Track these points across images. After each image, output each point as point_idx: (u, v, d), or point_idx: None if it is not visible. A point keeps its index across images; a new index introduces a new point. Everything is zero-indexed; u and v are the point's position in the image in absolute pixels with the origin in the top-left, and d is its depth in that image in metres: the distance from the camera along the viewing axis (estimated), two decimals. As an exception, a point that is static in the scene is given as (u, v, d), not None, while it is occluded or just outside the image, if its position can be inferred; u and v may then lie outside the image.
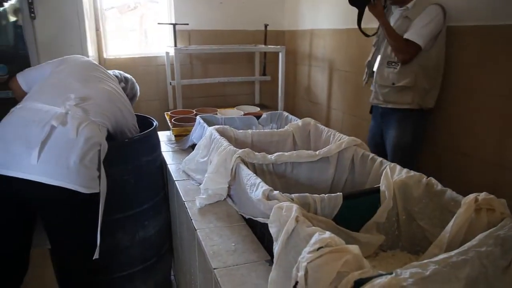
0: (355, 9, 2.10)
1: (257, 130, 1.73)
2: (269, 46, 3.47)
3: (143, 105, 3.52)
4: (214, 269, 0.97)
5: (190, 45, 3.54)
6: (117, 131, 1.60)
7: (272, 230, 0.93)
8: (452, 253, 0.78)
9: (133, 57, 3.51)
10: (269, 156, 1.36)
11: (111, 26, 3.59)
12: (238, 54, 3.74)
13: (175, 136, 2.08)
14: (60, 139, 1.29)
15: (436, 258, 0.76)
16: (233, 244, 1.09)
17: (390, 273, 0.70)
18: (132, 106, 1.74)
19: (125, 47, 3.65)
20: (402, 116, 2.11)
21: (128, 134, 1.66)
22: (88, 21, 2.87)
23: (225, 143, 1.41)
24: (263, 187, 1.04)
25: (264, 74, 3.73)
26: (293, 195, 1.01)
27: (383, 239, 1.13)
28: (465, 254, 0.77)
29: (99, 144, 1.37)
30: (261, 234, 1.13)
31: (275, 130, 1.75)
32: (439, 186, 1.12)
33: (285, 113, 2.05)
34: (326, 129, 1.68)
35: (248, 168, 1.30)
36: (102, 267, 1.51)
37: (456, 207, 1.02)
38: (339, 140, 1.57)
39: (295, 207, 0.90)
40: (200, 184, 1.50)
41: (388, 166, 1.27)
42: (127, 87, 1.84)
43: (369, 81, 2.28)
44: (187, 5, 3.49)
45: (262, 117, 2.04)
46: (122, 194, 1.56)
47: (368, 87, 2.33)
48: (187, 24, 3.34)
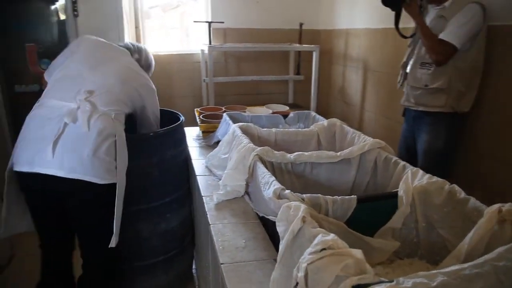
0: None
1: (282, 129, 1.72)
2: (303, 45, 3.44)
3: (177, 101, 3.60)
4: (221, 264, 0.98)
5: (225, 43, 3.58)
6: (137, 112, 1.62)
7: (279, 228, 0.93)
8: (465, 265, 0.73)
9: (170, 54, 3.59)
10: (288, 155, 1.35)
11: (153, 23, 3.70)
12: (272, 53, 3.74)
13: (202, 132, 2.11)
14: (73, 134, 1.34)
15: (447, 269, 0.71)
16: (244, 241, 1.09)
17: (391, 281, 0.67)
18: (149, 77, 1.73)
19: (166, 44, 3.74)
20: (435, 120, 2.03)
21: (149, 115, 1.66)
22: (127, 19, 2.98)
23: (245, 140, 1.41)
24: (275, 185, 1.04)
25: (298, 73, 3.71)
26: (304, 195, 1.00)
27: (397, 245, 1.09)
28: (480, 267, 0.72)
29: (114, 135, 1.39)
30: (272, 232, 1.13)
31: (300, 129, 1.74)
32: (462, 194, 1.07)
33: (313, 113, 2.03)
34: (351, 130, 1.65)
35: (267, 166, 1.30)
36: (124, 256, 1.56)
37: (479, 217, 0.97)
38: (364, 141, 1.53)
39: (302, 207, 0.89)
40: (220, 179, 1.52)
41: (410, 171, 1.23)
42: (141, 58, 1.83)
43: (404, 84, 2.21)
44: (224, 3, 3.53)
45: (289, 116, 2.03)
46: (145, 186, 1.61)
47: (402, 89, 2.26)
48: (222, 22, 3.38)
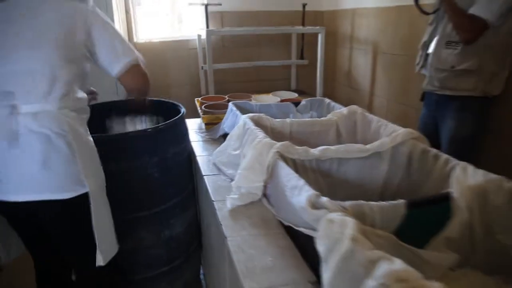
0: (406, -17, 1.84)
1: (297, 119, 1.52)
2: (307, 27, 3.21)
3: (174, 90, 3.39)
4: (247, 292, 0.80)
5: (223, 27, 3.35)
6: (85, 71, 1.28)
7: (320, 248, 0.74)
8: None
9: (164, 41, 3.36)
10: (313, 150, 1.16)
11: (144, 9, 3.45)
12: (273, 37, 3.51)
13: (205, 124, 1.91)
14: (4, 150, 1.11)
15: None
16: (271, 258, 0.90)
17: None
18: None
19: (157, 31, 3.51)
20: (462, 105, 1.84)
21: (109, 56, 1.26)
22: (116, 3, 2.74)
23: (260, 134, 1.22)
24: (307, 191, 0.85)
25: (301, 58, 3.49)
26: (346, 203, 0.81)
27: (455, 259, 0.91)
28: None
29: (63, 134, 1.13)
30: (303, 246, 0.94)
31: (317, 119, 1.54)
32: (525, 192, 0.89)
33: (327, 100, 1.83)
34: (376, 118, 1.46)
35: (288, 164, 1.11)
36: (124, 268, 1.37)
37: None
38: (392, 132, 1.34)
39: (350, 222, 0.70)
40: (232, 180, 1.33)
41: (458, 167, 1.04)
42: None
43: (424, 66, 2.00)
44: (220, -16, 3.29)
45: (301, 104, 1.83)
46: (145, 189, 1.41)
47: (421, 72, 2.06)
48: (220, 5, 3.15)
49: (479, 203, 0.95)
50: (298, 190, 0.87)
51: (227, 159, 1.42)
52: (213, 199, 1.22)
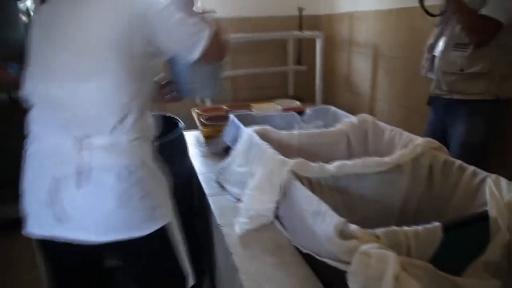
0: (405, -16, 1.76)
1: (305, 131, 1.43)
2: (305, 33, 3.13)
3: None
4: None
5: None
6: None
7: (353, 286, 0.65)
8: None
9: (157, 49, 3.26)
10: (328, 167, 1.06)
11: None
12: (269, 43, 3.42)
13: (205, 137, 1.81)
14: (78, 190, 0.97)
15: None
16: (291, 294, 0.80)
17: None
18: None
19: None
20: (472, 109, 1.75)
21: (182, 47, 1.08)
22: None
23: (269, 150, 1.12)
24: (333, 218, 0.75)
25: (299, 64, 3.40)
26: (378, 231, 0.71)
27: (498, 285, 0.81)
28: None
29: (135, 169, 1.00)
30: (327, 277, 0.84)
31: (326, 130, 1.44)
32: None
33: (333, 108, 1.74)
34: (389, 127, 1.37)
35: (302, 183, 1.01)
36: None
37: None
38: (409, 141, 1.25)
39: (392, 257, 0.61)
40: (238, 199, 1.23)
41: (489, 179, 0.95)
42: None
43: (431, 68, 1.92)
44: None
45: (306, 113, 1.74)
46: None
47: (427, 75, 1.98)
48: (215, 13, 3.05)
49: (517, 221, 0.86)
50: (321, 216, 0.77)
51: (232, 177, 1.32)
52: (219, 222, 1.12)
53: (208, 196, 1.29)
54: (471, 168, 1.03)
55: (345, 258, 0.69)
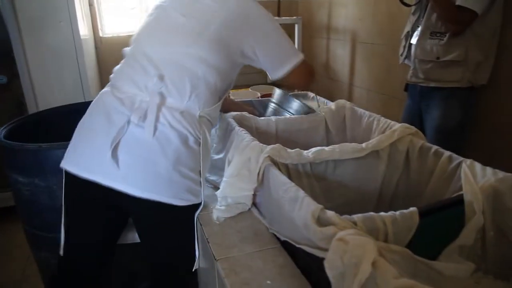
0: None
1: (282, 117, 1.41)
2: (283, 18, 3.09)
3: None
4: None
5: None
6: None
7: (330, 272, 0.64)
8: None
9: (132, 35, 3.16)
10: (306, 153, 1.05)
11: (109, 3, 3.23)
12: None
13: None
14: (142, 139, 1.00)
15: None
16: (269, 281, 0.79)
17: None
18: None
19: (125, 26, 3.30)
20: (448, 94, 1.78)
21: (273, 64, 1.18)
22: (79, -6, 2.53)
23: (247, 136, 1.10)
24: (310, 205, 0.74)
25: (277, 50, 3.37)
26: (355, 217, 0.70)
27: (472, 268, 0.83)
28: None
29: (197, 141, 1.05)
30: (305, 264, 0.83)
31: (304, 115, 1.43)
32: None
33: (311, 94, 1.73)
34: (367, 113, 1.36)
35: (280, 169, 1.00)
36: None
37: None
38: (386, 127, 1.26)
39: (369, 243, 0.60)
40: (216, 187, 1.21)
41: (464, 164, 0.96)
42: None
43: (408, 56, 1.93)
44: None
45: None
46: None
47: (404, 63, 1.99)
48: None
49: (490, 204, 0.87)
50: (299, 203, 0.76)
51: (210, 164, 1.30)
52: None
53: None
54: (447, 153, 1.04)
55: (322, 245, 0.69)
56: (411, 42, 1.88)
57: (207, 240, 0.94)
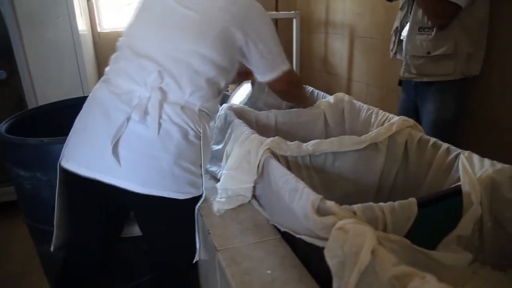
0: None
1: (282, 110, 1.42)
2: (281, 12, 3.09)
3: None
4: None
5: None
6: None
7: (330, 261, 0.65)
8: None
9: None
10: (305, 145, 1.06)
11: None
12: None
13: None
14: (143, 135, 1.00)
15: None
16: (269, 271, 0.80)
17: None
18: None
19: (122, 21, 3.29)
20: (441, 87, 1.79)
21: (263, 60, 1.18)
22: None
23: (246, 129, 1.11)
24: (309, 195, 0.75)
25: (275, 45, 3.36)
26: (355, 207, 0.71)
27: (470, 259, 0.84)
28: None
29: (198, 135, 1.05)
30: (305, 254, 0.84)
31: (303, 109, 1.44)
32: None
33: (310, 88, 1.74)
34: (366, 106, 1.37)
35: (279, 162, 1.01)
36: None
37: None
38: (385, 120, 1.26)
39: (368, 232, 0.61)
40: (216, 178, 1.22)
41: (462, 156, 0.97)
42: None
43: (398, 51, 1.95)
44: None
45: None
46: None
47: (396, 58, 2.00)
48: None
49: (488, 195, 0.88)
50: (298, 193, 0.77)
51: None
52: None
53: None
54: (445, 145, 1.05)
55: (322, 235, 0.70)
56: (401, 37, 1.90)
57: (208, 231, 0.96)
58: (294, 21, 2.89)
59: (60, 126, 1.28)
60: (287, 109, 1.46)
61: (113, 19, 3.26)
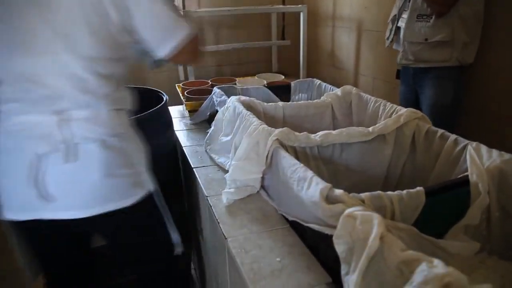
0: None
1: (290, 103, 1.43)
2: (288, 6, 3.09)
3: (150, 76, 3.22)
4: (259, 301, 0.71)
5: (200, 8, 3.19)
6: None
7: (339, 248, 0.66)
8: None
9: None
10: (313, 136, 1.06)
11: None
12: (253, 17, 3.36)
13: (189, 111, 1.79)
14: (61, 165, 0.93)
15: None
16: (278, 259, 0.82)
17: None
18: None
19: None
20: (439, 74, 1.84)
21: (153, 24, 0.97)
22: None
23: (255, 120, 1.12)
24: (319, 184, 0.76)
25: (283, 38, 3.36)
26: (363, 195, 0.72)
27: (477, 248, 0.85)
28: None
29: (119, 136, 0.98)
30: (313, 242, 0.85)
31: (311, 101, 1.45)
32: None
33: (317, 81, 1.74)
34: (373, 99, 1.37)
35: (288, 152, 1.02)
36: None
37: None
38: (393, 112, 1.27)
39: (376, 218, 0.62)
40: (224, 169, 1.23)
41: (470, 147, 0.97)
42: None
43: (394, 40, 1.98)
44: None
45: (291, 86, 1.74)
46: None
47: (391, 46, 2.04)
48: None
49: (496, 185, 0.88)
50: (307, 182, 0.78)
51: (218, 147, 1.32)
52: (206, 194, 1.12)
53: (194, 168, 1.29)
54: (453, 136, 1.05)
55: (331, 222, 0.71)
56: (399, 25, 1.93)
57: (217, 220, 0.97)
58: (302, 14, 2.88)
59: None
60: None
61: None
